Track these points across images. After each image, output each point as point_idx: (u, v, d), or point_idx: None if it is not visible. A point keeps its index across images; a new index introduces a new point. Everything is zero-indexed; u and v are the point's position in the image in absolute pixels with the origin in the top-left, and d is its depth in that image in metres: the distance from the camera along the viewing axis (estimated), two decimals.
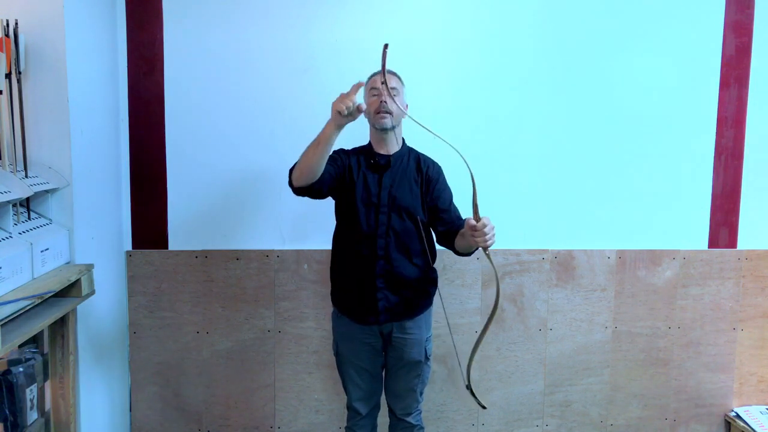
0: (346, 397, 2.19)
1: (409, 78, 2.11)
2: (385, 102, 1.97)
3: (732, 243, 2.68)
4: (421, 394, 2.15)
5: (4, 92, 1.78)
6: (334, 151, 2.05)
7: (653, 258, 2.63)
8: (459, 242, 1.95)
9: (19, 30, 1.83)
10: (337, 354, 2.16)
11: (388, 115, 1.99)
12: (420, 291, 2.07)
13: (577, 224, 2.61)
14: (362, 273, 2.02)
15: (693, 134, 2.62)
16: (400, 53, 2.14)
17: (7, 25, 1.80)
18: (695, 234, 2.66)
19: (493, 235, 1.74)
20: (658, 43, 2.56)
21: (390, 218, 2.00)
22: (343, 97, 1.69)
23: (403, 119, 2.07)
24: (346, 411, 2.20)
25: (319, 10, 2.45)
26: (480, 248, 1.78)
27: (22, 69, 1.85)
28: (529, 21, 2.52)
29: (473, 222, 1.73)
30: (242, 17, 2.44)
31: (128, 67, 2.44)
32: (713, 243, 2.67)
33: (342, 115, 1.68)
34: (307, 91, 2.47)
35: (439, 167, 2.12)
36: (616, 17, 2.54)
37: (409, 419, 2.15)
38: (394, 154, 2.06)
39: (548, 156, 2.58)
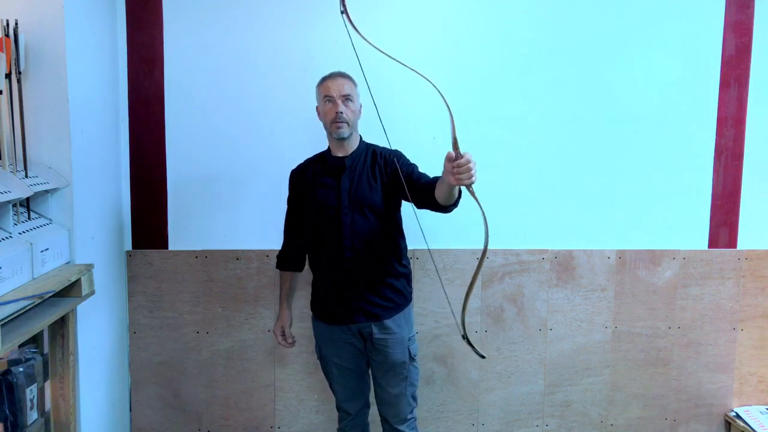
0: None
1: (408, 77, 2.10)
2: (342, 112, 1.96)
3: (732, 243, 2.67)
4: (414, 398, 2.12)
5: (4, 92, 1.78)
6: (289, 204, 2.18)
7: (653, 258, 2.63)
8: (439, 191, 1.79)
9: (19, 30, 1.83)
10: (320, 357, 2.16)
11: (344, 124, 1.98)
12: (391, 287, 2.06)
13: (577, 224, 2.61)
14: (334, 275, 2.03)
15: (693, 134, 2.62)
16: (399, 53, 2.13)
17: (7, 25, 1.80)
18: (695, 234, 2.66)
19: (475, 171, 1.59)
20: (658, 43, 2.56)
21: (353, 219, 1.99)
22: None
23: (358, 119, 2.07)
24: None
25: (319, 10, 2.45)
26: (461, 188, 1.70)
27: (22, 69, 1.85)
28: (528, 21, 2.52)
29: (453, 154, 1.59)
30: (242, 17, 2.44)
31: (128, 67, 2.44)
32: (713, 243, 2.67)
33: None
34: (307, 91, 2.45)
35: (398, 153, 2.07)
36: (616, 17, 2.54)
37: (404, 427, 2.10)
38: (351, 154, 2.05)
39: (548, 156, 2.58)
